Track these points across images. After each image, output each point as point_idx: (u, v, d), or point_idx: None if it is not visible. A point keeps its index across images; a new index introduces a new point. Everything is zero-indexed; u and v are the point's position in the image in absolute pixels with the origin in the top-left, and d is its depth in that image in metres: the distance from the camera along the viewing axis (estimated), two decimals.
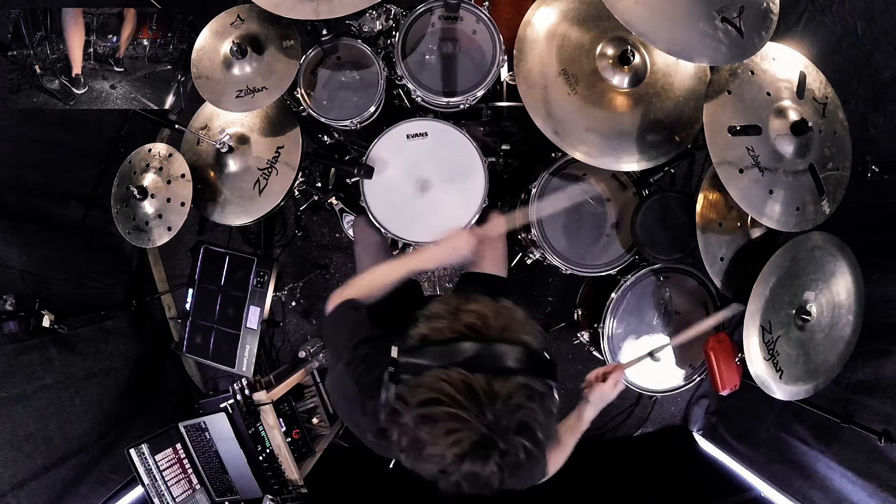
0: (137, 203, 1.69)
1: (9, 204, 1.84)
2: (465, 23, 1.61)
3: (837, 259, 1.52)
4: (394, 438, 0.71)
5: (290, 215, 2.52)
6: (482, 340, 0.71)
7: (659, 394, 1.89)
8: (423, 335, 0.75)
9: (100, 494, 1.88)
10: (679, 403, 2.59)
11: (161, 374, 2.42)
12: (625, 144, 1.53)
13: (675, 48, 1.18)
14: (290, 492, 1.87)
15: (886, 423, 1.51)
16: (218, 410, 1.84)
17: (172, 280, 2.57)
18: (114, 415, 1.99)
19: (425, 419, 0.67)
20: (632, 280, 1.76)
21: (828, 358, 1.54)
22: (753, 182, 1.33)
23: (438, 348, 0.71)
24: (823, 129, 1.40)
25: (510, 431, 0.66)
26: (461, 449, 0.65)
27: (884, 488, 1.55)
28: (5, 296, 1.62)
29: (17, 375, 1.63)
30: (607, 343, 1.78)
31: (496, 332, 0.73)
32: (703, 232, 1.54)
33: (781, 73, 1.39)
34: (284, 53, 1.53)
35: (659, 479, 2.28)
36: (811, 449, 1.83)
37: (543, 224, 1.77)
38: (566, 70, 1.53)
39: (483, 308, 0.75)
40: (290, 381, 2.04)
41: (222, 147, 1.66)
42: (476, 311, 0.75)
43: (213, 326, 2.10)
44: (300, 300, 2.52)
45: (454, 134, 1.63)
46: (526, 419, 0.67)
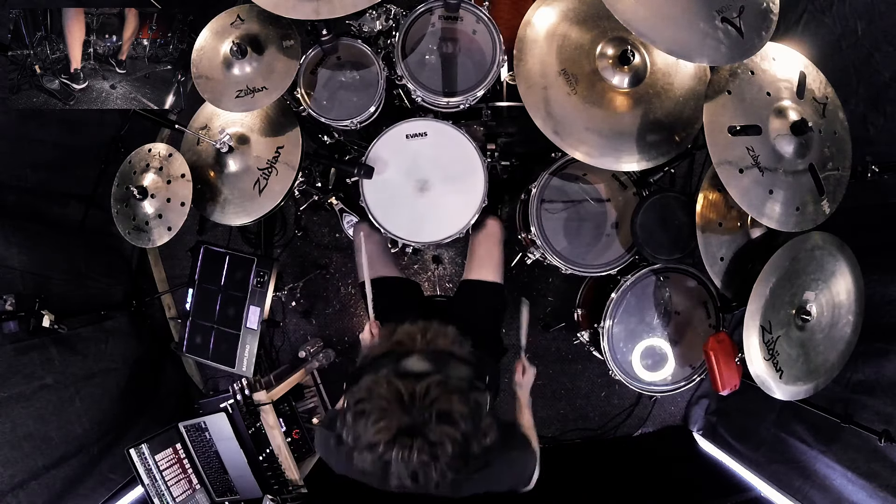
0: (137, 203, 1.69)
1: (9, 204, 1.84)
2: (465, 23, 1.61)
3: (837, 259, 1.52)
4: (344, 438, 0.86)
5: (290, 215, 2.52)
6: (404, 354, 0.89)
7: (659, 394, 1.89)
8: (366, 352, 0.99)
9: (100, 494, 1.88)
10: (679, 403, 2.59)
11: (161, 374, 2.42)
12: (625, 144, 1.53)
13: (675, 48, 1.18)
14: (290, 492, 1.87)
15: (886, 423, 1.51)
16: (218, 410, 1.84)
17: (172, 280, 2.57)
18: (114, 415, 1.99)
19: (359, 414, 0.83)
20: (632, 280, 1.76)
21: (828, 358, 1.54)
22: (753, 182, 1.33)
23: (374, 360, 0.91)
24: (823, 129, 1.40)
25: (431, 421, 0.79)
26: (389, 435, 0.79)
27: (884, 488, 1.55)
28: (5, 296, 1.62)
29: (17, 375, 1.63)
30: (607, 343, 1.78)
31: (421, 345, 0.93)
32: (703, 232, 1.54)
33: (781, 73, 1.39)
34: (284, 53, 1.53)
35: (659, 479, 2.28)
36: (811, 449, 1.83)
37: (543, 224, 1.78)
38: (566, 70, 1.53)
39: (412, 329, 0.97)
40: (290, 381, 2.04)
41: (222, 147, 1.66)
42: (406, 331, 0.97)
43: (213, 326, 2.10)
44: (300, 300, 2.53)
45: (454, 134, 1.63)
46: (444, 409, 0.80)
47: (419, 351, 0.90)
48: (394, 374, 0.84)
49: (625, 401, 2.56)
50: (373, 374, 0.86)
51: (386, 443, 0.79)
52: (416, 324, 0.98)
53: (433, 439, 0.79)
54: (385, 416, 0.80)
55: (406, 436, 0.79)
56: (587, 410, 2.56)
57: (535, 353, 2.46)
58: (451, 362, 0.88)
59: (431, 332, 0.96)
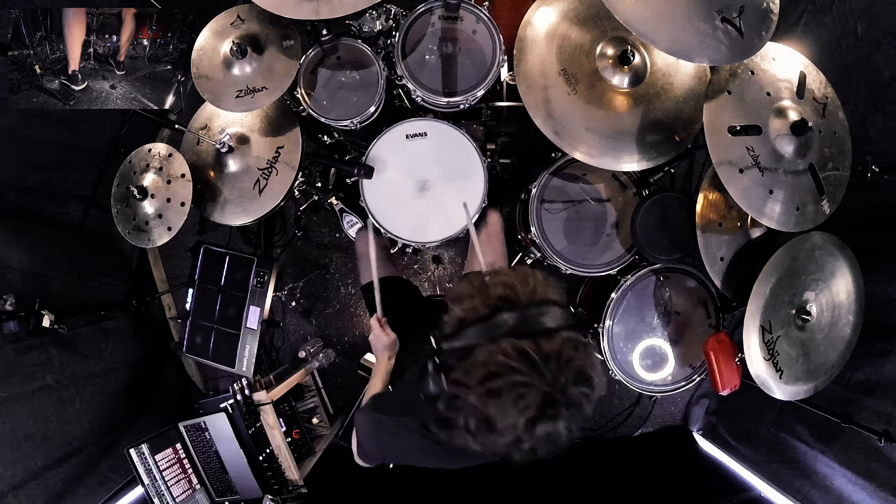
0: (137, 203, 1.69)
1: (9, 204, 1.83)
2: (465, 23, 1.61)
3: (837, 259, 1.52)
4: (460, 423, 0.73)
5: (290, 215, 2.52)
6: (517, 308, 0.73)
7: (659, 394, 1.89)
8: (458, 318, 0.76)
9: (100, 494, 1.88)
10: (679, 403, 2.59)
11: (161, 374, 2.42)
12: (625, 144, 1.53)
13: (675, 48, 1.18)
14: (290, 492, 1.87)
15: (886, 423, 1.51)
16: (218, 410, 1.84)
17: (172, 280, 2.57)
18: (114, 415, 1.99)
19: (490, 394, 0.68)
20: (632, 280, 1.76)
21: (828, 358, 1.54)
22: (753, 182, 1.33)
23: (478, 326, 0.73)
24: (823, 129, 1.40)
25: (569, 384, 0.69)
26: (531, 413, 0.68)
27: (884, 488, 1.55)
28: (5, 296, 1.62)
29: (17, 375, 1.63)
30: (607, 343, 1.78)
31: (527, 297, 0.74)
32: (703, 232, 1.54)
33: (781, 73, 1.39)
34: (284, 53, 1.53)
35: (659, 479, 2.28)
36: (811, 449, 1.83)
37: (543, 224, 1.78)
38: (566, 70, 1.53)
39: (507, 278, 0.77)
40: (290, 381, 2.04)
41: (222, 147, 1.66)
42: (502, 282, 0.76)
43: (213, 326, 2.10)
44: (300, 300, 2.53)
45: (454, 134, 1.63)
46: (580, 368, 0.71)
47: (526, 305, 0.74)
48: (517, 336, 0.70)
49: (625, 401, 2.56)
50: (489, 343, 0.70)
51: (530, 419, 0.69)
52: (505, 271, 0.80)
53: (568, 401, 0.70)
54: (525, 394, 0.68)
55: (549, 406, 0.69)
56: None
57: None
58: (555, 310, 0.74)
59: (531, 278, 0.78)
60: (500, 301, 0.74)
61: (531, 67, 1.53)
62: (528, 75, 1.53)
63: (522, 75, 1.53)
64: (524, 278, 0.77)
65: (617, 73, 1.53)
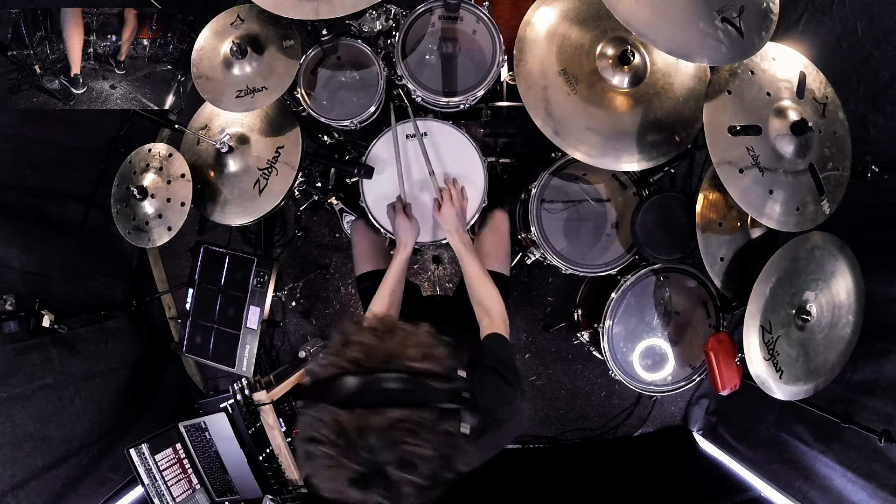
0: (137, 203, 1.69)
1: (9, 204, 1.83)
2: (465, 23, 1.61)
3: (837, 259, 1.52)
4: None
5: (290, 215, 2.52)
6: (363, 373, 0.70)
7: (659, 394, 1.89)
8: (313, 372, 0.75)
9: (100, 494, 1.88)
10: (679, 403, 2.59)
11: (161, 374, 2.42)
12: (625, 144, 1.53)
13: (675, 48, 1.18)
14: (290, 492, 1.87)
15: (886, 423, 1.51)
16: (218, 410, 1.84)
17: (172, 280, 2.57)
18: (114, 415, 1.99)
19: (308, 455, 0.69)
20: (632, 280, 1.76)
21: (828, 358, 1.54)
22: (753, 182, 1.33)
23: (321, 386, 0.72)
24: (823, 129, 1.40)
25: (391, 465, 0.66)
26: (344, 485, 0.67)
27: (884, 488, 1.55)
28: (5, 296, 1.62)
29: (17, 375, 1.63)
30: (607, 343, 1.78)
31: (380, 362, 0.72)
32: (703, 232, 1.54)
33: (781, 73, 1.39)
34: (284, 53, 1.53)
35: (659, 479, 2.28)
36: (811, 449, 1.83)
37: (543, 224, 1.78)
38: (566, 70, 1.53)
39: (367, 338, 0.75)
40: (290, 381, 2.04)
41: (222, 147, 1.66)
42: (360, 342, 0.74)
43: (213, 326, 2.10)
44: (300, 300, 2.53)
45: (454, 134, 1.63)
46: (406, 455, 0.67)
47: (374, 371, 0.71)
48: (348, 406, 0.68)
49: (625, 401, 2.56)
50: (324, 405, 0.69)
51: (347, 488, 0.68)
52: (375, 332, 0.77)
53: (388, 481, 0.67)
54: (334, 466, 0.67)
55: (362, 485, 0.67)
56: (587, 410, 2.55)
57: (535, 353, 2.46)
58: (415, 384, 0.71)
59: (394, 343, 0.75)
60: (350, 363, 0.72)
61: (531, 67, 1.53)
62: (528, 75, 1.53)
63: (522, 75, 1.53)
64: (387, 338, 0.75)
65: (617, 73, 1.53)
